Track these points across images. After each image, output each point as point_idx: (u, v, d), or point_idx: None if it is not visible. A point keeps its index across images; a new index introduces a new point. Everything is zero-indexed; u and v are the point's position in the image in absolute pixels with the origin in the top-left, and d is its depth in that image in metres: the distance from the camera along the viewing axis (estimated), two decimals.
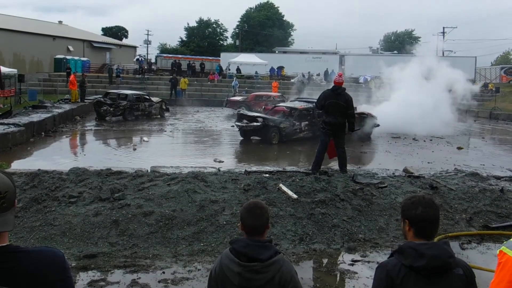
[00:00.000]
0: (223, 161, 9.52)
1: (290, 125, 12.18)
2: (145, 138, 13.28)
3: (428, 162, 10.05)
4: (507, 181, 6.86)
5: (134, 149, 11.34)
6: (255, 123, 12.13)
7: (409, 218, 1.74)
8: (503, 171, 7.52)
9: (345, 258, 4.46)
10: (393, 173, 7.00)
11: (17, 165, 8.58)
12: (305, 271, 4.14)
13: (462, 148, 12.95)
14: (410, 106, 14.54)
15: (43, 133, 12.72)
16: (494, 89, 28.39)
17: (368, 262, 4.35)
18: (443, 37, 44.47)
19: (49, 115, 14.10)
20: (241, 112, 13.18)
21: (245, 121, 12.34)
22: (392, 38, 61.00)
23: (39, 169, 6.06)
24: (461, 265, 1.70)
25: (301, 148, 11.90)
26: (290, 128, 12.16)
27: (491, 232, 5.21)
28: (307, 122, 12.47)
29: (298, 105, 13.47)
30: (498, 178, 6.97)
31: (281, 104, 15.13)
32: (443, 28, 46.48)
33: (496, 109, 24.66)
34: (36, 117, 13.23)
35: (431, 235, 1.75)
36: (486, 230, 5.24)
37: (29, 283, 1.25)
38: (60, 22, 46.54)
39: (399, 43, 53.68)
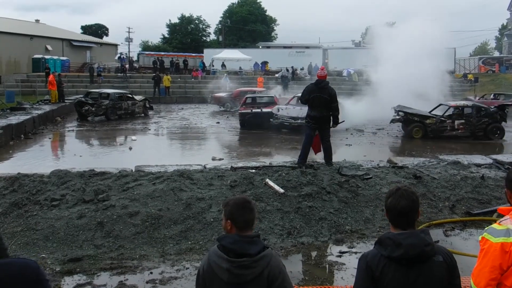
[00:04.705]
0: (222, 159, 9.41)
1: (437, 121, 12.55)
2: (133, 137, 13.06)
3: (412, 152, 10.21)
4: (487, 168, 7.05)
5: (130, 148, 11.16)
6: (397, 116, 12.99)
7: (385, 207, 1.79)
8: (483, 159, 7.71)
9: (333, 250, 4.50)
10: (378, 164, 7.09)
11: None
12: (294, 265, 4.16)
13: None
14: (395, 97, 14.68)
15: (22, 136, 12.37)
16: (473, 79, 29.07)
17: (355, 253, 4.40)
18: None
19: (28, 117, 13.73)
20: (399, 109, 13.35)
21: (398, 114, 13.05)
22: None
23: (18, 173, 5.88)
24: (441, 252, 1.70)
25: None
26: (436, 125, 12.55)
27: (473, 218, 5.34)
28: (462, 121, 12.69)
29: (452, 103, 13.91)
30: (478, 165, 7.15)
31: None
32: None
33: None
34: (14, 119, 12.86)
35: (407, 225, 1.71)
36: (468, 217, 5.37)
37: None
38: (37, 20, 45.18)
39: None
